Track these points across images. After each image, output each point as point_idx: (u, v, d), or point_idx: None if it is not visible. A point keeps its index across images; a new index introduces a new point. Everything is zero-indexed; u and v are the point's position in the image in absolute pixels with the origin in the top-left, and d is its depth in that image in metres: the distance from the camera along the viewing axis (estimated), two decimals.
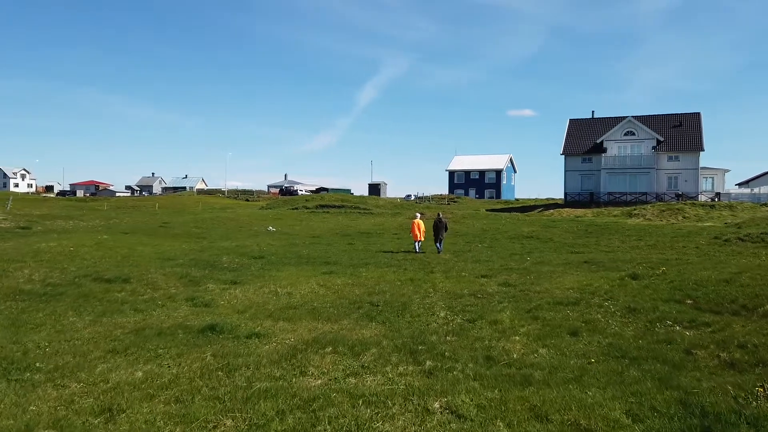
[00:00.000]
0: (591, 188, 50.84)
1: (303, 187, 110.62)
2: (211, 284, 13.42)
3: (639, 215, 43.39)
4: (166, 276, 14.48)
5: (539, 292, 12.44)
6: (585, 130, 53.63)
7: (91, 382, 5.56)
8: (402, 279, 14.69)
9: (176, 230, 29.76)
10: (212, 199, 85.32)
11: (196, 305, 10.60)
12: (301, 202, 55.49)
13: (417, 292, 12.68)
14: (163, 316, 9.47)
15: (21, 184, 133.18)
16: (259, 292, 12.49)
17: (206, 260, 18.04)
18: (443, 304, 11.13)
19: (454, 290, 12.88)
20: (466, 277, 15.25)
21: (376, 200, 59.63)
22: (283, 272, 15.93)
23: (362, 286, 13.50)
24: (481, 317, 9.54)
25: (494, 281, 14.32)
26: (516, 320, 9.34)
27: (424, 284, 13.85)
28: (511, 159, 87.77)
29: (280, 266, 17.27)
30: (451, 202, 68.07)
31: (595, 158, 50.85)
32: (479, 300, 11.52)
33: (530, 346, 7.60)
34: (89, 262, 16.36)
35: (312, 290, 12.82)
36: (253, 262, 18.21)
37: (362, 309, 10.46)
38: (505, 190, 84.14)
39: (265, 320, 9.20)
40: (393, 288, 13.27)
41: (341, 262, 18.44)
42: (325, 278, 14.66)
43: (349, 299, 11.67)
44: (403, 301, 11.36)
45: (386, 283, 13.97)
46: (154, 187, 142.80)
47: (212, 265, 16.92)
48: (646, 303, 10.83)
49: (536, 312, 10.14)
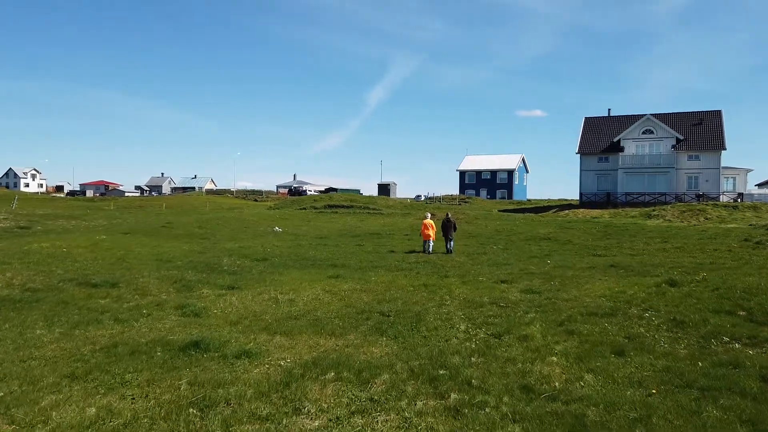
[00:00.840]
0: (607, 188, 49.26)
1: (312, 187, 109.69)
2: (207, 289, 12.28)
3: (658, 216, 41.84)
4: (159, 280, 13.37)
5: (568, 301, 11.18)
6: (601, 129, 52.06)
7: (27, 423, 4.39)
8: (414, 284, 13.47)
9: (179, 231, 28.73)
10: (220, 199, 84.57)
11: (185, 314, 9.45)
12: (309, 202, 54.41)
13: (432, 300, 11.46)
14: (144, 329, 8.32)
15: (31, 184, 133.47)
16: (257, 298, 11.33)
17: (206, 262, 16.93)
18: (462, 314, 9.89)
19: (472, 298, 11.64)
20: (485, 282, 14.01)
21: (386, 200, 58.41)
22: (286, 276, 14.77)
23: (371, 293, 12.31)
24: (508, 331, 8.29)
25: (516, 287, 13.06)
26: (549, 335, 8.09)
27: (438, 290, 12.62)
28: (524, 159, 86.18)
29: (283, 269, 16.12)
30: (462, 202, 66.71)
31: (612, 157, 49.26)
32: (502, 310, 10.27)
33: (572, 369, 6.36)
34: (80, 265, 15.30)
35: (316, 297, 11.64)
36: (256, 264, 17.08)
37: (371, 320, 9.26)
38: (517, 190, 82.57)
39: (259, 334, 8.02)
40: (405, 295, 12.06)
41: (349, 265, 17.26)
42: (331, 283, 13.48)
43: (356, 308, 10.47)
44: (417, 311, 10.15)
45: (397, 289, 12.77)
46: (164, 187, 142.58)
47: (211, 268, 15.81)
48: (692, 314, 9.54)
49: (569, 325, 8.88)
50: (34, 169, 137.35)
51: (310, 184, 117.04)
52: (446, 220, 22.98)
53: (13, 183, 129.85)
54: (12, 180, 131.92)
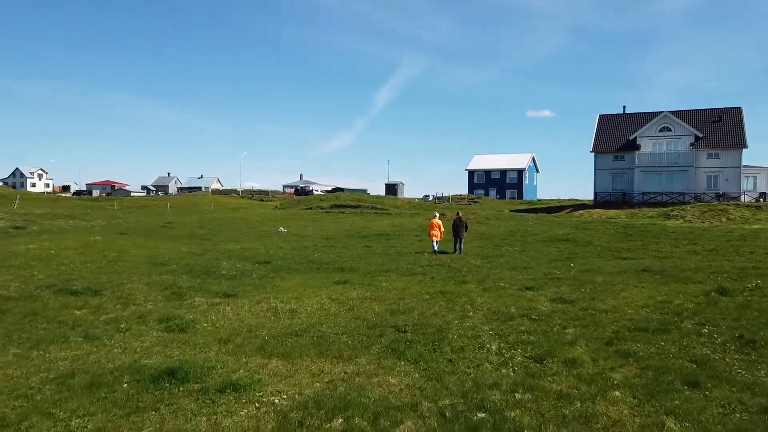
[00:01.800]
0: (623, 188, 47.65)
1: (318, 187, 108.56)
2: (200, 297, 10.99)
3: (678, 217, 40.26)
4: (148, 286, 12.11)
5: (607, 312, 9.80)
6: (616, 127, 50.44)
7: None
8: (430, 291, 12.13)
9: (179, 231, 27.53)
10: (226, 199, 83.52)
11: (169, 329, 8.15)
12: (315, 202, 53.17)
13: (452, 310, 10.12)
14: (117, 348, 7.03)
15: (38, 183, 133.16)
16: (255, 308, 10.03)
17: (202, 266, 15.67)
18: (490, 329, 8.54)
19: (497, 308, 10.29)
20: (507, 289, 12.64)
21: (394, 200, 57.07)
22: (288, 282, 13.47)
23: (383, 301, 10.98)
24: (550, 353, 6.94)
25: (544, 295, 11.70)
26: (600, 359, 6.73)
27: (458, 299, 11.28)
28: (534, 158, 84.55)
29: (286, 274, 14.83)
30: (471, 202, 65.26)
31: (628, 156, 47.64)
32: (535, 324, 8.91)
33: (645, 410, 5.01)
34: (65, 268, 14.08)
35: (321, 306, 10.32)
36: (257, 268, 15.79)
37: (385, 337, 7.93)
38: (527, 190, 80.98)
39: (252, 356, 6.72)
40: (421, 304, 10.72)
41: (357, 269, 15.94)
42: (337, 290, 12.16)
43: (367, 320, 9.15)
44: (437, 325, 8.81)
45: (412, 297, 11.43)
46: (170, 187, 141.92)
47: (207, 272, 14.54)
48: (761, 331, 8.16)
49: (619, 344, 7.51)
50: (41, 169, 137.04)
51: (316, 184, 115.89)
52: (457, 220, 21.96)
53: (19, 183, 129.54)
54: (18, 180, 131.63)
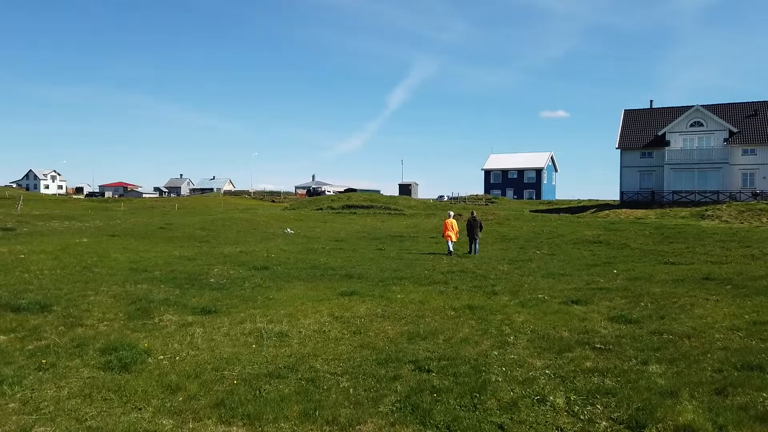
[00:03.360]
0: (651, 186, 44.89)
1: (331, 188, 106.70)
2: (171, 314, 8.88)
3: (713, 217, 37.50)
4: (114, 299, 10.05)
5: (689, 338, 7.52)
6: (643, 122, 47.69)
7: None
8: (456, 306, 9.90)
9: (177, 233, 25.58)
10: (237, 200, 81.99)
11: (108, 366, 6.04)
12: (326, 203, 51.12)
13: (486, 334, 7.89)
14: (13, 404, 4.92)
15: (51, 185, 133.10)
16: (235, 331, 7.89)
17: (190, 273, 13.62)
18: (544, 366, 6.31)
19: (544, 330, 8.05)
20: (549, 302, 10.38)
21: (408, 200, 54.82)
22: (285, 292, 11.34)
23: (398, 320, 8.79)
24: (649, 414, 4.71)
25: (597, 312, 9.43)
26: (728, 426, 4.46)
27: (491, 317, 9.05)
28: (552, 157, 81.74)
29: (284, 282, 12.70)
30: (488, 202, 62.80)
31: (657, 153, 44.87)
32: (604, 357, 6.65)
33: None
34: (27, 276, 12.10)
35: (319, 328, 8.15)
36: (252, 275, 13.70)
37: (401, 381, 5.75)
38: (545, 190, 78.24)
39: (205, 419, 4.59)
40: (446, 323, 8.51)
41: (367, 276, 13.77)
42: (342, 304, 9.99)
43: (377, 350, 6.97)
44: (472, 358, 6.60)
45: (433, 314, 9.23)
46: (182, 188, 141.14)
47: (192, 281, 12.47)
48: None
49: (738, 396, 5.24)
50: (54, 171, 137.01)
51: (328, 185, 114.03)
52: (472, 219, 20.59)
53: (33, 185, 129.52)
54: (32, 182, 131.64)
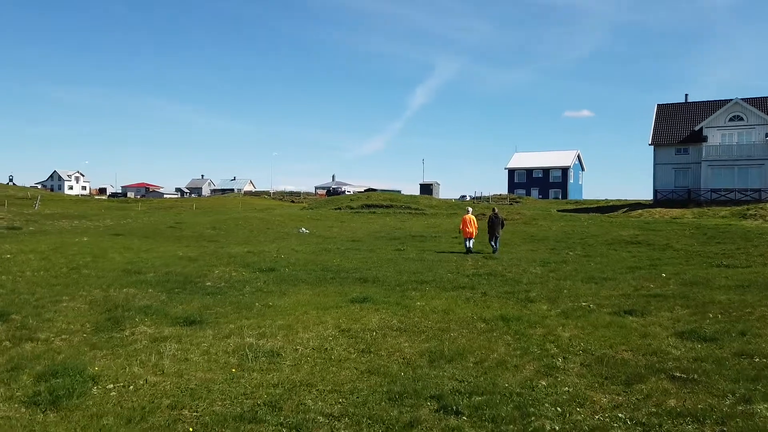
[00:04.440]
0: (687, 184, 42.40)
1: (351, 188, 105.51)
2: (146, 326, 7.49)
3: (756, 216, 35.04)
4: (89, 305, 8.72)
5: None
6: (677, 117, 45.20)
7: None
8: (486, 317, 8.32)
9: (186, 232, 24.41)
10: (256, 200, 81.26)
11: (34, 401, 4.62)
12: (345, 202, 49.76)
13: (527, 355, 6.31)
14: None
15: (75, 186, 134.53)
16: (216, 348, 6.45)
17: (186, 275, 12.28)
18: (612, 404, 4.71)
19: (600, 350, 6.45)
20: (596, 312, 8.76)
21: (429, 200, 53.15)
22: (288, 298, 9.90)
23: (416, 334, 7.26)
24: None
25: (657, 324, 7.81)
26: None
27: (530, 330, 7.46)
28: (579, 156, 79.14)
29: (290, 286, 11.27)
30: (513, 202, 60.72)
31: (693, 149, 42.37)
32: (688, 391, 5.01)
33: None
34: (3, 279, 10.87)
35: (320, 345, 6.67)
36: (255, 277, 12.31)
37: (420, 428, 4.19)
38: (572, 189, 75.66)
39: None
40: (475, 340, 6.95)
41: (384, 280, 12.24)
42: (352, 313, 8.50)
43: (388, 378, 5.44)
44: (514, 393, 5.03)
45: (460, 326, 7.68)
46: (203, 189, 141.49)
47: (186, 284, 11.11)
48: None
49: None
50: (78, 172, 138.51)
51: (348, 185, 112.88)
52: (493, 216, 19.70)
53: (57, 185, 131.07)
54: (56, 183, 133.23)
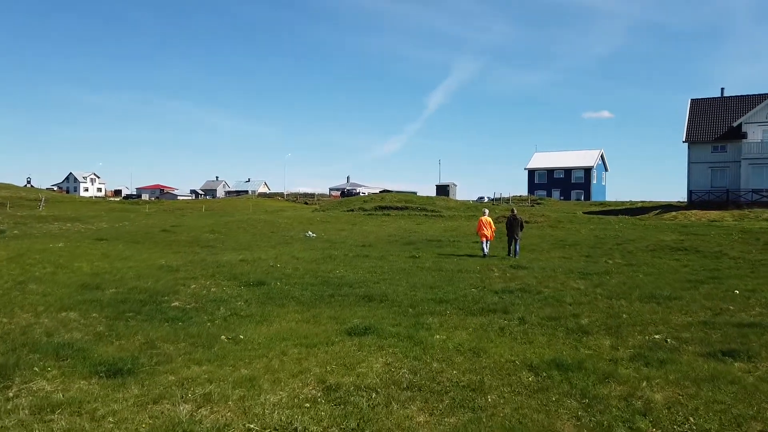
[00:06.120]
0: (725, 184, 39.35)
1: (366, 189, 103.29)
2: (45, 380, 5.26)
3: None
4: None
5: None
6: (713, 113, 42.14)
7: None
8: (533, 363, 5.97)
9: (180, 236, 22.33)
10: (269, 202, 79.44)
11: None
12: (358, 204, 47.53)
13: None
14: None
15: (90, 188, 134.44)
16: (126, 430, 4.14)
17: (154, 291, 10.08)
18: None
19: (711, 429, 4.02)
20: (681, 353, 6.40)
21: (446, 201, 50.67)
22: (267, 327, 7.64)
23: (436, 397, 4.94)
24: None
25: None
26: None
27: (603, 391, 5.11)
28: (602, 155, 75.90)
29: (276, 306, 9.03)
30: (534, 203, 57.96)
31: (731, 146, 39.31)
32: None
33: None
34: None
35: (289, 421, 4.36)
36: (238, 294, 10.09)
37: None
38: (595, 190, 72.52)
39: None
40: (525, 412, 4.59)
41: (394, 298, 9.92)
42: (346, 354, 6.20)
43: None
44: None
45: (498, 382, 5.35)
46: (218, 190, 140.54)
47: (148, 305, 8.91)
48: None
49: None
50: (93, 174, 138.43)
51: (363, 187, 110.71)
52: (512, 218, 18.75)
53: (72, 187, 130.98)
54: (72, 184, 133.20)
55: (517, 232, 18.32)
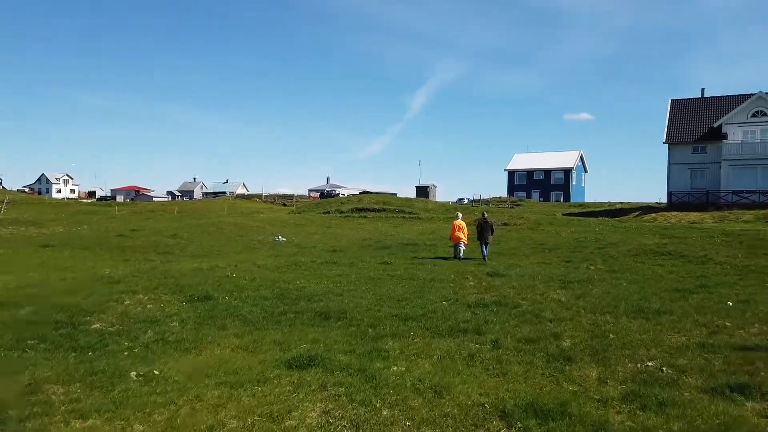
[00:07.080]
0: (705, 185, 39.00)
1: (345, 190, 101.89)
2: None
3: None
4: None
5: None
6: (693, 113, 41.82)
7: None
8: (507, 406, 4.90)
9: (138, 241, 20.88)
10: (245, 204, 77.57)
11: None
12: (334, 205, 46.27)
13: None
14: None
15: (63, 189, 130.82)
16: None
17: (76, 309, 8.78)
18: None
19: None
20: (680, 388, 5.34)
21: (425, 203, 49.68)
22: (195, 357, 6.45)
23: None
24: None
25: None
26: None
27: None
28: (582, 156, 75.70)
29: (213, 329, 7.81)
30: (513, 205, 57.32)
31: (712, 147, 38.96)
32: None
33: None
34: None
35: None
36: (175, 312, 8.84)
37: None
38: (574, 191, 72.24)
39: None
40: None
41: (354, 315, 8.78)
42: (278, 398, 5.05)
43: None
44: None
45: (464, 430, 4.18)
46: (195, 192, 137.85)
47: (63, 328, 7.64)
48: None
49: None
50: (67, 175, 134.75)
51: (343, 188, 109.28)
52: (483, 221, 18.25)
53: (45, 189, 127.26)
54: (44, 186, 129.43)
55: (487, 236, 17.93)
